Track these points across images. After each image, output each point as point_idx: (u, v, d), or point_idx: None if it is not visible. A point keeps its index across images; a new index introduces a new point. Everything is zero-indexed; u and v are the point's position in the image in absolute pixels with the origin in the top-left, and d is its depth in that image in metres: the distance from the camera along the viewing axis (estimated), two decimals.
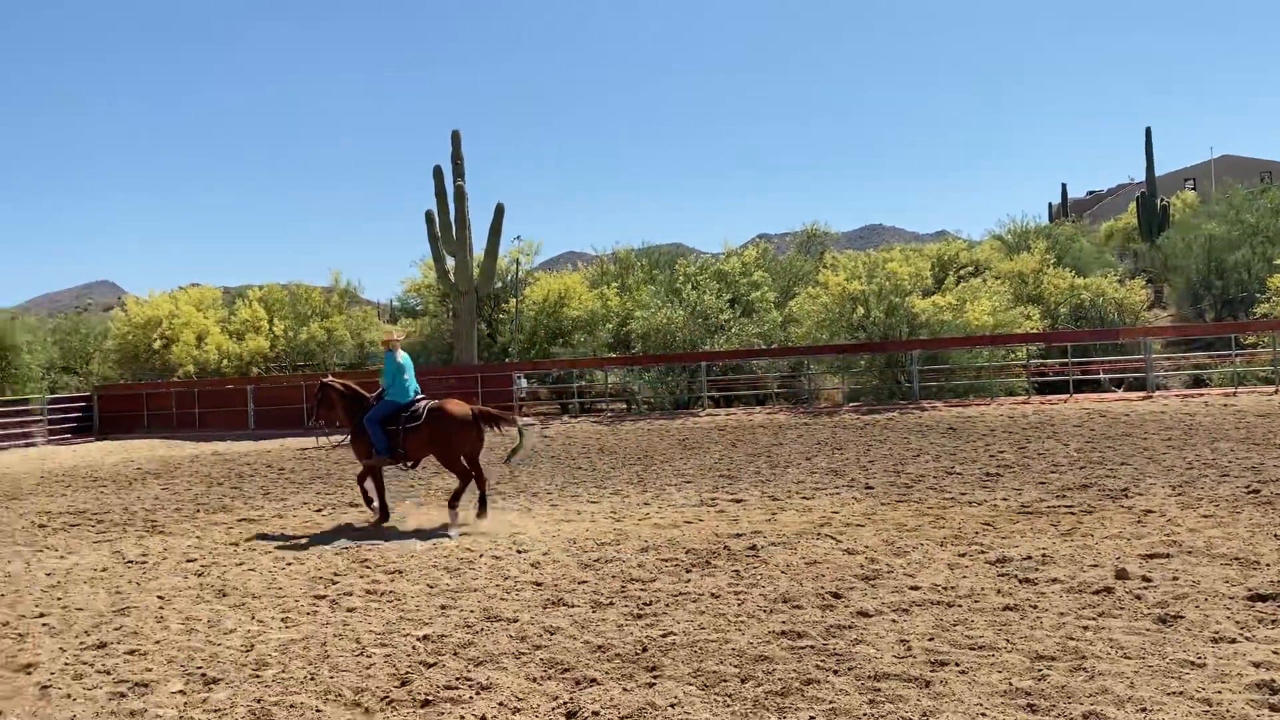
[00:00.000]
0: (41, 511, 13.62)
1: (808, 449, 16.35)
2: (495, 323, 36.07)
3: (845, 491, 11.62)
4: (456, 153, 30.97)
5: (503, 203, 30.78)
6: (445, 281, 31.19)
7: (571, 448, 19.22)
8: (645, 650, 5.84)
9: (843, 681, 5.16)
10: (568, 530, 10.04)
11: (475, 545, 9.46)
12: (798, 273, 36.64)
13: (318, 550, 9.64)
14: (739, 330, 29.58)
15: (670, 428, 22.45)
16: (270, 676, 5.70)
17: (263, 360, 35.54)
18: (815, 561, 7.95)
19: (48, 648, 6.57)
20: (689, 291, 30.22)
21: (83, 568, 9.35)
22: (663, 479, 13.67)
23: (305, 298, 39.82)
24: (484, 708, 5.04)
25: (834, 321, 27.87)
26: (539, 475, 14.92)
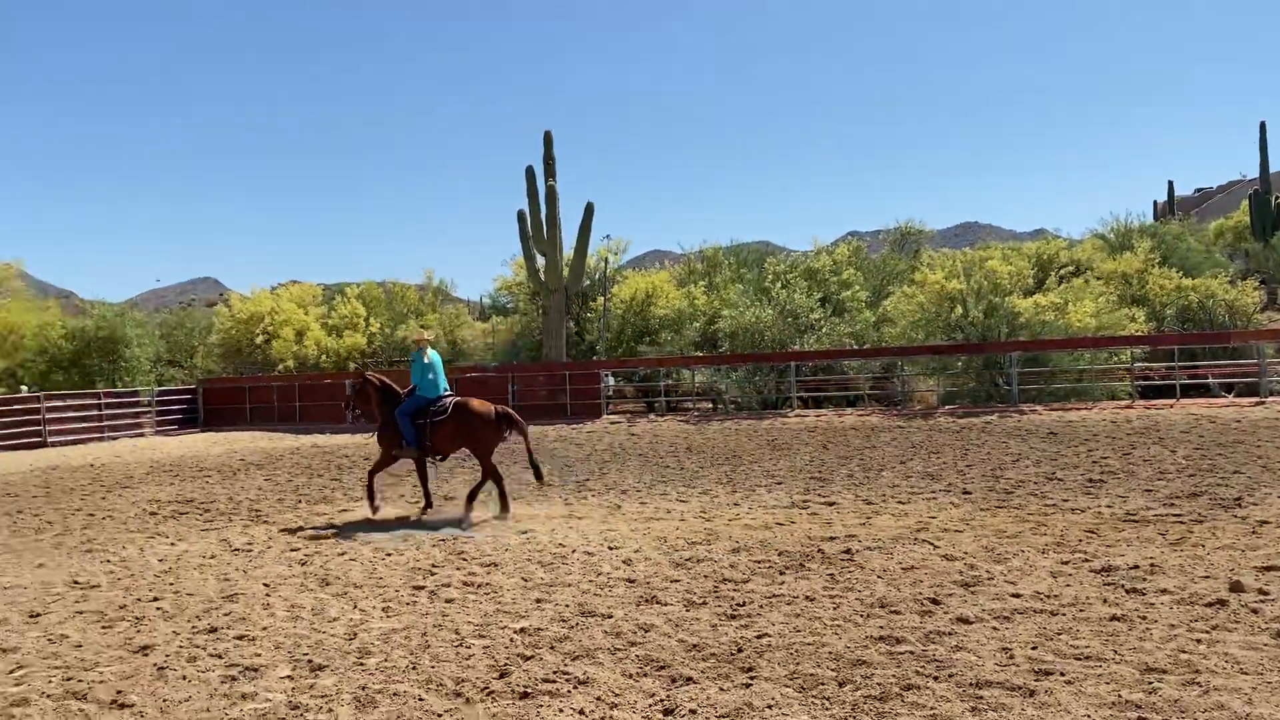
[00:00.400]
0: (152, 500, 14.18)
1: (902, 452, 16.11)
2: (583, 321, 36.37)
3: (942, 496, 11.42)
4: (548, 153, 31.30)
5: (592, 202, 30.97)
6: (535, 280, 31.56)
7: (659, 446, 19.26)
8: (740, 651, 5.83)
9: (943, 688, 5.08)
10: (657, 528, 10.07)
11: (568, 540, 9.55)
12: (891, 271, 36.11)
13: (415, 542, 9.84)
14: (830, 330, 29.28)
15: (758, 428, 22.34)
16: (373, 665, 5.85)
17: (360, 356, 36.42)
18: (912, 567, 7.83)
19: (162, 631, 6.83)
20: (778, 290, 30.02)
21: (192, 554, 9.71)
22: (752, 480, 13.60)
23: (400, 295, 40.72)
24: (582, 701, 5.08)
25: (930, 321, 27.40)
26: (627, 473, 14.98)
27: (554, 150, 31.39)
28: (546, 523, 10.72)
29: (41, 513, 13.19)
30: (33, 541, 10.89)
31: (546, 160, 31.22)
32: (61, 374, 34.44)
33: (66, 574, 8.94)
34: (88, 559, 9.68)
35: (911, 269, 34.34)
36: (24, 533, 11.53)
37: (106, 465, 20.24)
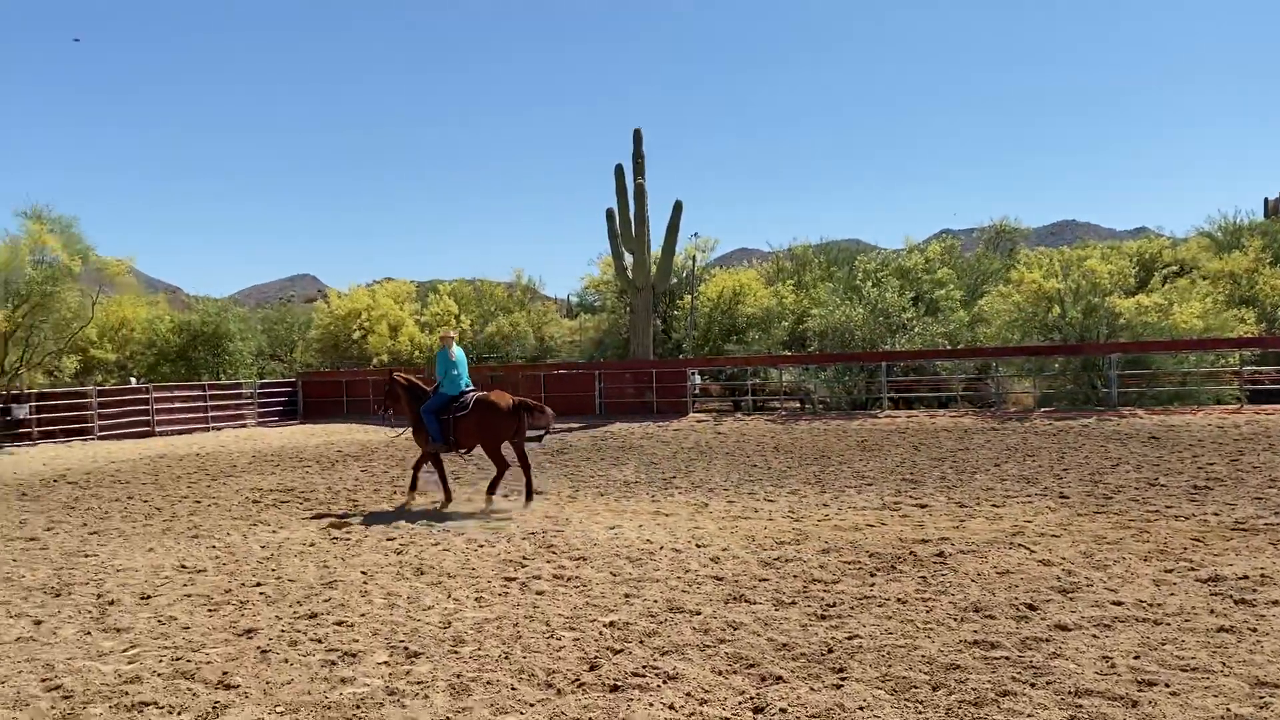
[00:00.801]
0: (254, 488, 14.66)
1: (996, 455, 15.77)
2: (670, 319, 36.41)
3: (1038, 500, 11.15)
4: (638, 151, 31.39)
5: (681, 200, 30.97)
6: (623, 278, 31.68)
7: (745, 445, 19.19)
8: (831, 651, 5.78)
9: (1041, 695, 4.97)
10: (745, 527, 10.04)
11: (655, 537, 9.59)
12: (985, 270, 35.37)
13: (507, 534, 10.00)
14: (922, 330, 28.81)
15: (848, 428, 22.09)
16: (467, 653, 5.96)
17: None
18: (1008, 571, 7.67)
19: (265, 615, 7.07)
20: (869, 289, 29.64)
21: (292, 542, 10.01)
22: (841, 480, 13.47)
23: (489, 293, 41.34)
24: (672, 696, 5.11)
25: (1026, 322, 26.77)
26: (714, 471, 14.96)
27: (643, 148, 31.46)
28: (634, 519, 10.78)
29: (150, 499, 13.75)
30: (142, 527, 11.36)
31: (636, 158, 31.31)
32: (169, 366, 35.84)
33: (174, 558, 9.31)
34: (194, 544, 10.06)
35: (1007, 268, 33.57)
36: (134, 518, 12.03)
37: (211, 454, 20.98)
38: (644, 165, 31.40)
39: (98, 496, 14.24)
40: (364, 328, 36.68)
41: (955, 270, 33.47)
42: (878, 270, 31.57)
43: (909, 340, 28.35)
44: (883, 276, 30.75)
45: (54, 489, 15.44)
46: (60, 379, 32.25)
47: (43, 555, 9.71)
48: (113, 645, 6.40)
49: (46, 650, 6.33)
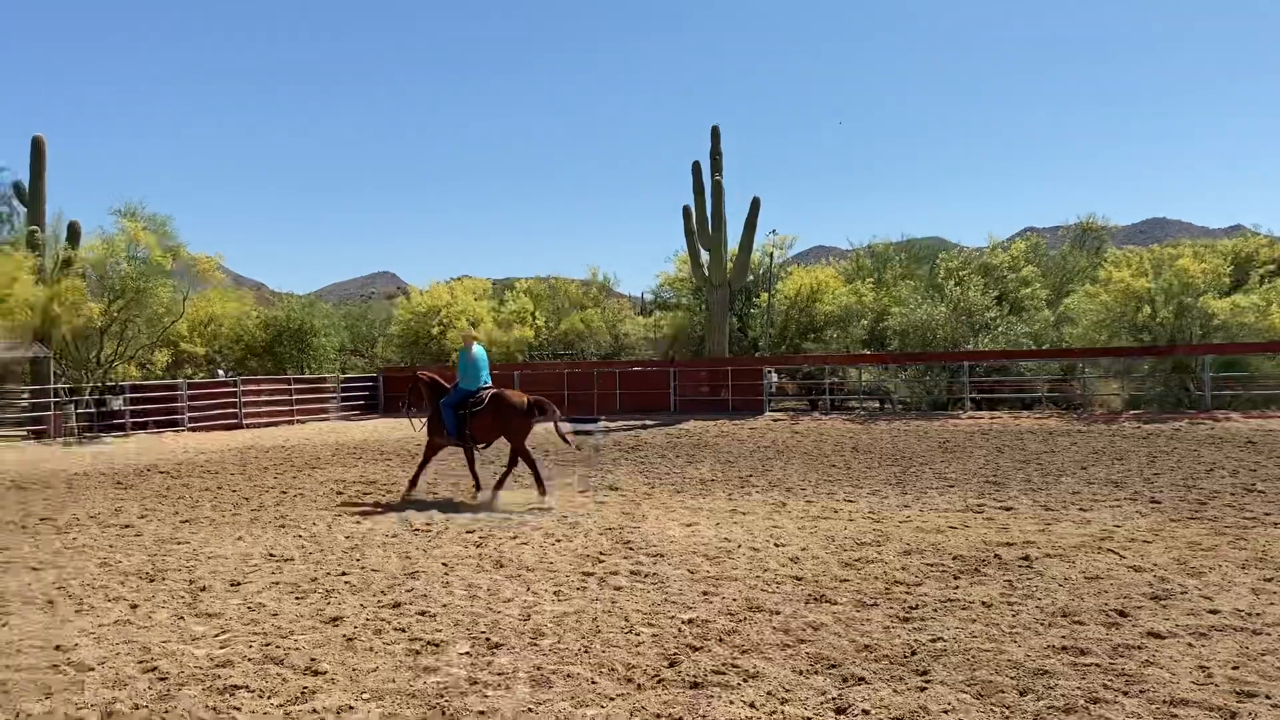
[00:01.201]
0: (338, 480, 14.97)
1: (1083, 458, 15.36)
2: (746, 317, 36.24)
3: (1128, 505, 10.83)
4: (715, 148, 31.30)
5: (759, 196, 30.78)
6: (699, 275, 31.62)
7: (824, 445, 19.00)
8: (914, 653, 5.69)
9: (1133, 704, 4.82)
10: (825, 527, 9.94)
11: (732, 536, 9.54)
12: (1072, 269, 34.48)
13: (584, 529, 10.04)
14: (1006, 329, 28.21)
15: (928, 429, 21.74)
16: (547, 646, 6.00)
17: (527, 348, 37.42)
18: (1097, 577, 7.46)
19: (350, 604, 7.21)
20: (951, 287, 29.12)
21: (376, 533, 10.20)
22: (923, 481, 13.25)
23: (564, 290, 41.61)
24: (752, 695, 5.07)
25: (1114, 322, 26.04)
26: (791, 470, 14.84)
27: (721, 145, 31.36)
28: (710, 517, 10.75)
29: (239, 489, 14.13)
30: (231, 516, 11.68)
31: (713, 155, 31.22)
32: (255, 360, 36.82)
33: (263, 547, 9.54)
34: (281, 534, 10.31)
35: (1094, 266, 32.69)
36: (224, 507, 12.37)
37: (296, 446, 21.50)
38: (721, 162, 31.29)
39: (188, 486, 14.68)
40: (443, 324, 37.23)
41: (1040, 268, 32.71)
42: (960, 268, 31.00)
43: (992, 340, 27.79)
44: (965, 275, 30.19)
45: (147, 478, 15.97)
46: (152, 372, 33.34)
47: (137, 542, 10.04)
48: (205, 630, 6.58)
49: (142, 633, 6.54)
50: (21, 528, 11.19)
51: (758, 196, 30.91)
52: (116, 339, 28.89)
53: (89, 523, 11.40)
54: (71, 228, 28.47)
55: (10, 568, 8.87)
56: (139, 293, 27.65)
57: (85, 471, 17.33)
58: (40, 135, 28.37)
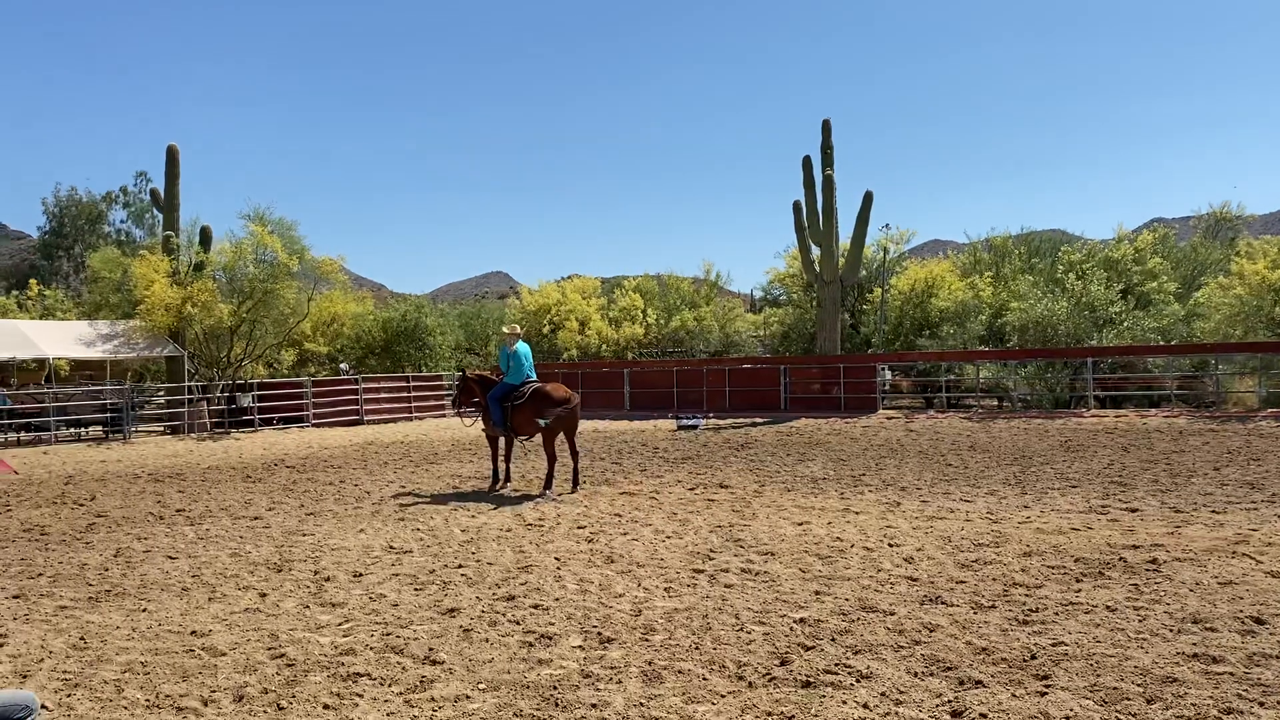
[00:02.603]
0: (454, 475, 15.33)
1: (1216, 458, 14.67)
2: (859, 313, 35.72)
3: (1265, 508, 10.30)
4: (826, 142, 30.90)
5: (871, 191, 30.27)
6: (810, 271, 31.27)
7: (939, 443, 18.60)
8: (1034, 658, 5.53)
9: (1271, 715, 4.59)
10: (940, 528, 9.73)
11: (845, 535, 9.43)
12: (1203, 261, 32.96)
13: (694, 526, 10.06)
14: (1132, 324, 27.13)
15: (1049, 428, 21.07)
16: (658, 641, 6.04)
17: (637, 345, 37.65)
18: (1230, 582, 7.12)
19: (466, 596, 7.38)
20: (1073, 281, 28.15)
21: (490, 527, 10.41)
22: (1044, 482, 12.86)
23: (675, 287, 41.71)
24: (865, 695, 5.01)
25: (1249, 316, 24.79)
26: (906, 469, 14.56)
27: (832, 139, 30.94)
28: (822, 516, 10.64)
29: (360, 483, 14.60)
30: (353, 509, 12.07)
31: (824, 149, 30.83)
32: (375, 359, 37.98)
33: (383, 540, 9.85)
34: (400, 527, 10.62)
35: (1227, 258, 31.16)
36: (346, 501, 12.80)
37: (414, 442, 22.10)
38: (832, 156, 30.87)
39: (313, 480, 15.24)
40: (554, 323, 37.72)
41: (1169, 261, 31.35)
42: (1083, 261, 29.95)
43: (1117, 335, 26.75)
44: (1088, 268, 29.14)
45: (274, 472, 16.64)
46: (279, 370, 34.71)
47: (265, 533, 10.48)
48: (329, 619, 6.83)
49: (271, 621, 6.82)
50: (159, 519, 11.79)
51: (870, 191, 30.41)
52: (245, 338, 30.15)
53: (220, 514, 11.95)
54: (204, 232, 29.83)
55: (149, 556, 9.37)
56: (266, 294, 28.79)
57: (217, 465, 18.16)
58: (174, 144, 29.82)
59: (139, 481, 15.80)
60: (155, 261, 28.17)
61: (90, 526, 11.30)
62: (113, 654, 6.11)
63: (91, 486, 15.21)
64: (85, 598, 7.71)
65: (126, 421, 25.45)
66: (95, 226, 64.90)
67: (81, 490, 14.73)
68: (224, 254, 29.76)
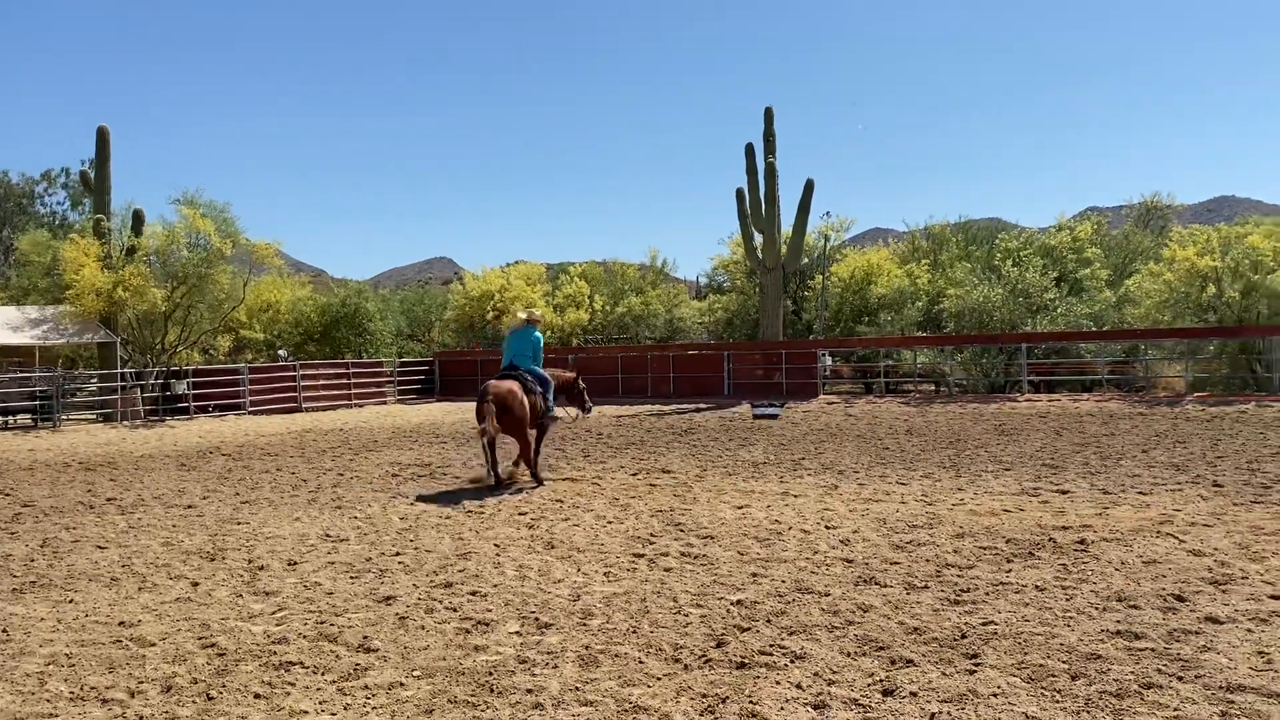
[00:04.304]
0: (393, 462, 15.19)
1: (1144, 441, 15.06)
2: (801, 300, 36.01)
3: (1189, 489, 10.60)
4: (769, 129, 31.04)
5: (813, 179, 30.50)
6: (753, 258, 31.44)
7: (877, 428, 18.85)
8: (964, 637, 5.64)
9: (1189, 689, 4.73)
10: (876, 510, 9.87)
11: (783, 518, 9.52)
12: (1135, 249, 33.73)
13: (635, 511, 10.09)
14: (1065, 310, 27.69)
15: (985, 412, 21.46)
16: (596, 626, 6.05)
17: (582, 332, 37.58)
18: (1154, 561, 7.32)
19: (403, 583, 7.32)
20: (1009, 268, 28.64)
21: (429, 514, 10.34)
22: (977, 464, 13.10)
23: (620, 274, 41.68)
24: (799, 676, 5.07)
25: (1178, 302, 25.45)
26: (844, 453, 14.74)
27: (774, 126, 31.09)
28: (762, 500, 10.73)
29: (297, 471, 14.41)
30: (289, 497, 11.91)
31: (767, 137, 30.97)
32: (314, 345, 37.44)
33: (320, 528, 9.73)
34: (337, 515, 10.49)
35: (1158, 246, 31.95)
36: (282, 489, 12.62)
37: (354, 429, 21.85)
38: (775, 144, 31.02)
39: (249, 468, 15.00)
40: (497, 308, 37.50)
41: (1102, 249, 32.04)
42: (1020, 249, 30.48)
43: (1051, 322, 27.30)
44: (1025, 255, 29.67)
45: (209, 460, 16.35)
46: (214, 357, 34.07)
47: (199, 522, 10.30)
48: (262, 608, 6.73)
49: (202, 610, 6.71)
50: (89, 508, 11.52)
51: (811, 179, 30.65)
52: (180, 324, 29.54)
53: (153, 503, 11.71)
54: (136, 215, 29.13)
55: (78, 546, 9.15)
56: (200, 279, 28.22)
57: (150, 453, 17.80)
58: (104, 126, 29.04)
59: (69, 470, 15.43)
60: (85, 245, 27.45)
61: (16, 517, 11.00)
62: (36, 646, 5.96)
63: (18, 475, 14.81)
64: (9, 589, 7.51)
65: (56, 409, 24.83)
66: (26, 209, 62.99)
67: (7, 479, 14.34)
68: (156, 238, 29.09)
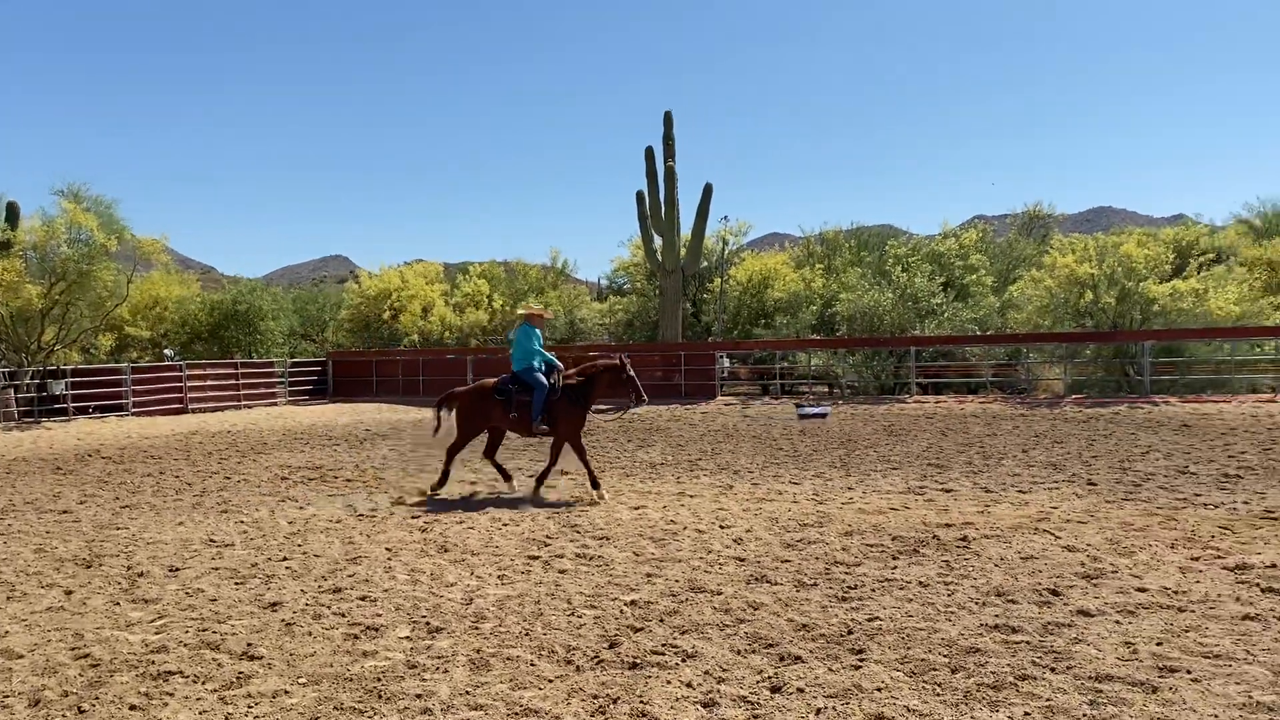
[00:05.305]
0: (283, 465, 14.82)
1: (1024, 441, 15.65)
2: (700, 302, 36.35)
3: (1065, 487, 11.05)
4: (668, 133, 31.28)
5: (711, 183, 30.83)
6: (653, 260, 31.64)
7: (773, 429, 19.14)
8: (850, 633, 5.78)
9: (1060, 680, 4.94)
10: (769, 509, 10.04)
11: (679, 518, 9.60)
12: (1018, 256, 35.00)
13: (531, 513, 10.05)
14: (952, 315, 28.57)
15: (875, 413, 21.99)
16: (488, 629, 6.01)
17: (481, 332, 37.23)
18: (1031, 556, 7.62)
19: (290, 589, 7.16)
20: (899, 273, 29.42)
21: (319, 518, 10.12)
22: (867, 464, 13.42)
23: (522, 274, 41.43)
24: (690, 674, 5.13)
25: (1058, 307, 26.47)
26: (740, 454, 14.94)
27: (674, 131, 31.34)
28: (658, 500, 10.80)
29: (182, 474, 13.93)
30: (173, 501, 11.52)
31: (666, 141, 31.20)
32: (202, 345, 36.23)
33: (204, 533, 9.43)
34: (223, 519, 10.19)
35: (1040, 253, 33.21)
36: (165, 493, 12.20)
37: (242, 431, 21.23)
38: (674, 148, 31.27)
39: (130, 471, 14.45)
40: (394, 308, 36.89)
41: (988, 256, 33.15)
42: (909, 255, 31.32)
43: (938, 325, 28.12)
44: (914, 261, 30.50)
45: (88, 463, 15.69)
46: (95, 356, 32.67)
47: (75, 528, 9.88)
48: (141, 616, 6.50)
49: (76, 620, 6.44)
50: None
51: (709, 183, 31.00)
52: (58, 322, 28.20)
53: (25, 508, 11.19)
54: (10, 208, 27.75)
55: None
56: (81, 275, 27.00)
57: (24, 457, 16.99)
58: None
59: None
60: None
61: None
62: None
63: None
64: None
65: None
66: None
67: None
68: (34, 233, 27.71)
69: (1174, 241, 31.77)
